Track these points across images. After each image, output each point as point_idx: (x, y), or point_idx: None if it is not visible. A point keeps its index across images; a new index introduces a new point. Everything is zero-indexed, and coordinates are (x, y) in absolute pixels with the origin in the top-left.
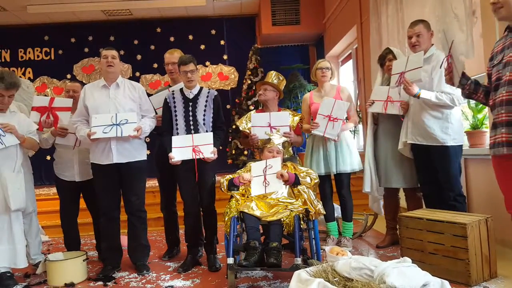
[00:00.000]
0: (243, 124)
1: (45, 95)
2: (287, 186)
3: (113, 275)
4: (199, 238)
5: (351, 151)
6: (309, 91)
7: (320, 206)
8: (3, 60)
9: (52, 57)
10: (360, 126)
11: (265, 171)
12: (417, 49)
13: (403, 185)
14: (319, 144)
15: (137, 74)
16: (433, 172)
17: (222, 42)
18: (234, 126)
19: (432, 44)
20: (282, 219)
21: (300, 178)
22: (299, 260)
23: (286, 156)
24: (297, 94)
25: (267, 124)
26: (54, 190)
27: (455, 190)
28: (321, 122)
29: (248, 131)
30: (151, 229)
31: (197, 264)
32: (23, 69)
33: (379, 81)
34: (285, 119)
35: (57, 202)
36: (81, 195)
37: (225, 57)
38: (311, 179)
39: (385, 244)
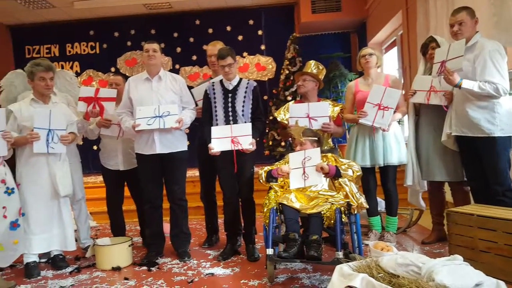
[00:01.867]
0: (281, 115)
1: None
2: (327, 178)
3: (156, 261)
4: (237, 228)
5: (399, 142)
6: (350, 81)
7: (362, 199)
8: (52, 54)
9: (97, 51)
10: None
11: (304, 163)
12: (459, 38)
13: (447, 179)
14: (364, 135)
15: (177, 66)
16: (480, 165)
17: (260, 32)
18: (271, 117)
19: (477, 32)
20: (322, 212)
21: (341, 171)
22: (340, 254)
23: (326, 147)
24: (337, 84)
25: (306, 115)
26: (100, 178)
27: (504, 184)
28: (369, 110)
29: (286, 122)
30: (191, 217)
31: (236, 253)
32: (71, 63)
33: (422, 70)
34: (325, 109)
35: (104, 189)
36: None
37: (262, 47)
38: (353, 172)
39: (431, 240)
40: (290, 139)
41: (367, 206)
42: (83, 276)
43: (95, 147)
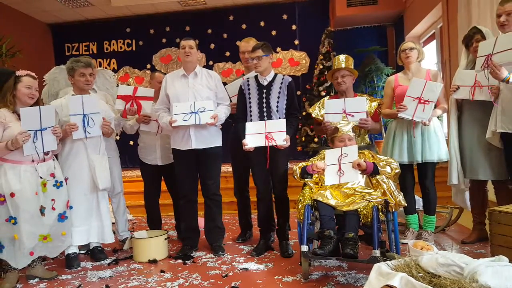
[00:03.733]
0: (315, 111)
1: (128, 84)
2: (364, 175)
3: (191, 254)
4: (271, 224)
5: (439, 139)
6: (386, 75)
7: (401, 197)
8: (90, 52)
9: (134, 48)
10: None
11: (340, 160)
12: (506, 29)
13: (491, 177)
14: (403, 130)
15: (211, 62)
16: None
17: (294, 27)
18: (304, 113)
19: None
20: (358, 210)
21: (379, 168)
22: (377, 253)
23: (362, 144)
24: (373, 78)
25: (342, 110)
26: (137, 172)
27: None
28: (409, 104)
29: (321, 118)
30: (224, 212)
31: (270, 249)
32: (108, 60)
33: (464, 64)
34: (362, 104)
35: (140, 183)
36: (162, 178)
37: (296, 42)
38: (391, 169)
39: (472, 240)
40: (325, 135)
41: (406, 204)
42: (121, 268)
43: (131, 142)
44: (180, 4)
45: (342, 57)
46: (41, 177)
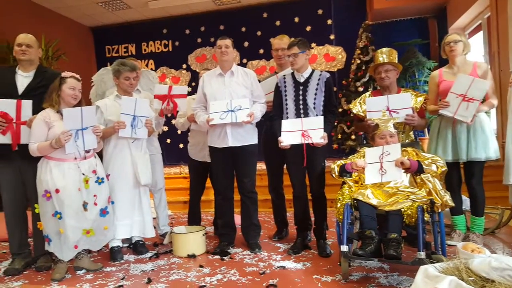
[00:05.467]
0: (356, 107)
1: (164, 84)
2: (408, 174)
3: (228, 251)
4: (307, 223)
5: (487, 136)
6: (429, 69)
7: (447, 197)
8: (129, 53)
9: (170, 49)
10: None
11: (382, 158)
12: None
13: None
14: (446, 127)
15: (244, 60)
16: None
17: (329, 22)
18: (341, 110)
19: None
20: (402, 210)
21: (424, 166)
22: (422, 255)
23: (407, 141)
24: (414, 73)
25: (385, 108)
26: (174, 169)
27: None
28: (452, 101)
29: (363, 115)
30: (259, 209)
31: (307, 247)
32: (146, 61)
33: None
34: (406, 101)
35: (177, 180)
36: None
37: (332, 37)
38: (437, 167)
39: None
40: (365, 132)
41: (453, 204)
42: (161, 261)
43: (168, 141)
44: (215, 4)
45: (384, 50)
46: (83, 174)
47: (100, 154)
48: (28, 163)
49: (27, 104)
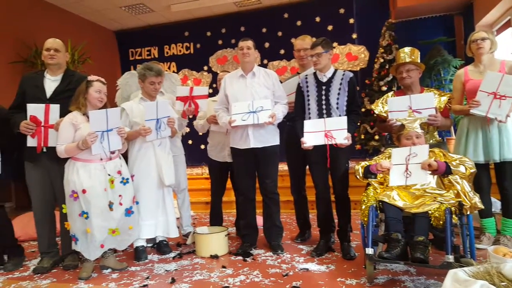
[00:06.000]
0: (378, 107)
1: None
2: (435, 175)
3: (250, 252)
4: (331, 225)
5: None
6: (455, 67)
7: (477, 199)
8: (152, 56)
9: (192, 51)
10: None
11: (408, 160)
12: None
13: None
14: (477, 127)
15: (265, 61)
16: None
17: (351, 21)
18: (364, 109)
19: None
20: (429, 212)
21: (451, 167)
22: (451, 258)
23: (432, 141)
24: (439, 71)
25: (408, 107)
26: (196, 170)
27: None
28: (483, 100)
29: (385, 115)
30: (281, 211)
31: (330, 250)
32: (168, 63)
33: None
34: (429, 100)
35: (199, 181)
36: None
37: (354, 36)
38: (466, 168)
39: None
40: (387, 133)
41: (482, 207)
42: (184, 261)
43: (190, 142)
44: (236, 5)
45: (406, 49)
46: (109, 175)
47: (125, 155)
48: (55, 164)
49: (55, 108)
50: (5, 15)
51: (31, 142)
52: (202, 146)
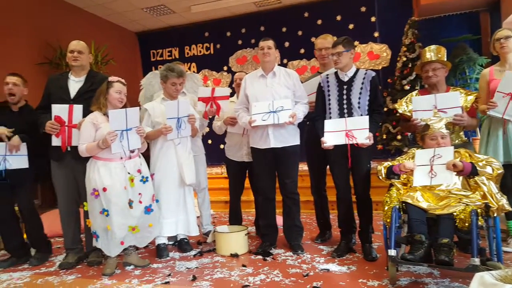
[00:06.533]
0: (402, 106)
1: (206, 86)
2: (460, 176)
3: (270, 251)
4: (352, 225)
5: None
6: (480, 66)
7: (504, 201)
8: (173, 57)
9: (212, 52)
10: None
11: (433, 161)
12: None
13: None
14: (497, 128)
15: (285, 61)
16: None
17: (373, 19)
18: (386, 109)
19: None
20: (454, 214)
21: (478, 168)
22: (477, 261)
23: (457, 141)
24: (464, 70)
25: (433, 107)
26: (215, 169)
27: None
28: (500, 101)
29: (409, 114)
30: (301, 211)
31: (351, 251)
32: (189, 64)
33: None
34: (455, 100)
35: (218, 180)
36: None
37: (376, 34)
38: (493, 169)
39: None
40: (410, 133)
41: (510, 209)
42: (205, 259)
43: (210, 141)
44: (256, 5)
45: (432, 47)
46: (129, 173)
47: (145, 155)
48: (79, 163)
49: (78, 108)
50: (32, 18)
51: (55, 141)
52: (221, 146)
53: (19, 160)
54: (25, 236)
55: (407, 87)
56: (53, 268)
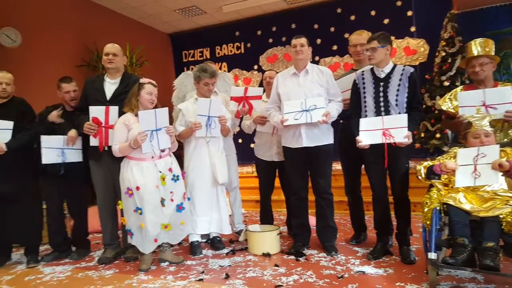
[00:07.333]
0: (446, 103)
1: (237, 86)
2: (507, 177)
3: (303, 252)
4: (389, 227)
5: None
6: None
7: None
8: (204, 57)
9: (242, 51)
10: None
11: (476, 160)
12: None
13: None
14: None
15: (317, 58)
16: None
17: (409, 13)
18: (424, 106)
19: None
20: (500, 216)
21: None
22: None
23: (505, 140)
24: (509, 64)
25: (481, 103)
26: (246, 168)
27: None
28: None
29: (454, 111)
30: (334, 211)
31: (388, 253)
32: (220, 64)
33: None
34: (506, 95)
35: (249, 179)
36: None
37: (412, 29)
38: None
39: None
40: (455, 131)
41: None
42: (237, 258)
43: (240, 140)
44: (286, 3)
45: (479, 41)
46: (160, 172)
47: (178, 154)
48: (116, 162)
49: (114, 110)
50: (72, 22)
51: (93, 141)
52: (252, 145)
53: (74, 154)
54: (69, 231)
55: (446, 83)
56: (92, 263)
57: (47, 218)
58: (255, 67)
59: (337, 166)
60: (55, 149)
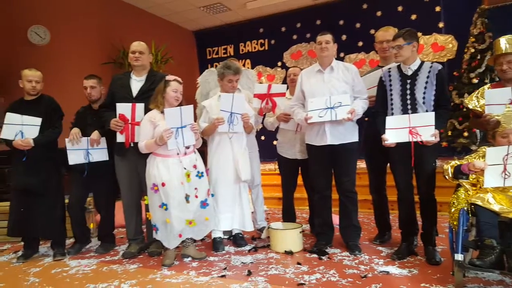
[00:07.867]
0: (473, 101)
1: (260, 83)
2: None
3: (326, 250)
4: (414, 227)
5: None
6: None
7: None
8: (228, 54)
9: (266, 48)
10: None
11: (506, 160)
12: None
13: None
14: None
15: (342, 54)
16: None
17: (438, 9)
18: (452, 104)
19: None
20: None
21: None
22: None
23: None
24: None
25: (509, 101)
26: (268, 166)
27: None
28: None
29: (480, 110)
30: (358, 210)
31: (413, 253)
32: (243, 61)
33: None
34: None
35: (271, 176)
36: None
37: (440, 25)
38: None
39: None
40: (483, 130)
41: None
42: (260, 255)
43: (262, 138)
44: None
45: (508, 38)
46: (185, 169)
47: (201, 150)
48: (141, 158)
49: (140, 107)
50: (98, 20)
51: (120, 138)
52: (274, 142)
53: (100, 153)
54: (91, 226)
55: (475, 81)
56: (117, 257)
57: (68, 210)
58: (279, 64)
59: (361, 164)
60: (80, 150)
